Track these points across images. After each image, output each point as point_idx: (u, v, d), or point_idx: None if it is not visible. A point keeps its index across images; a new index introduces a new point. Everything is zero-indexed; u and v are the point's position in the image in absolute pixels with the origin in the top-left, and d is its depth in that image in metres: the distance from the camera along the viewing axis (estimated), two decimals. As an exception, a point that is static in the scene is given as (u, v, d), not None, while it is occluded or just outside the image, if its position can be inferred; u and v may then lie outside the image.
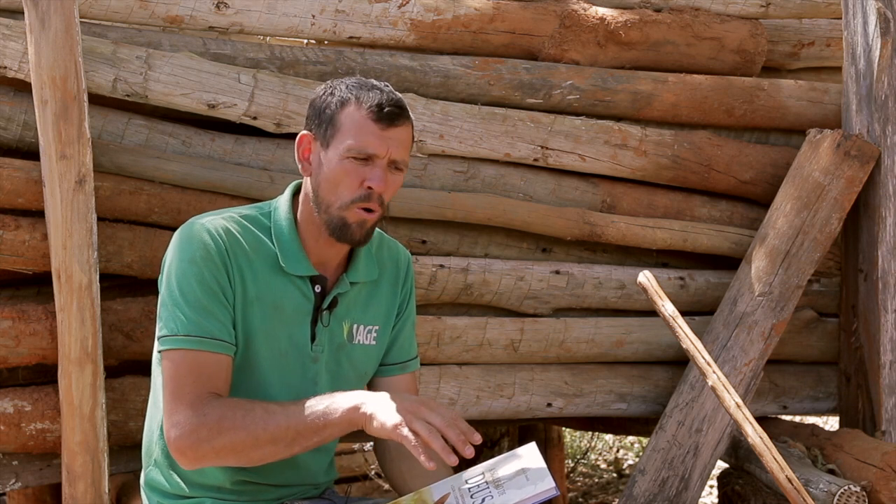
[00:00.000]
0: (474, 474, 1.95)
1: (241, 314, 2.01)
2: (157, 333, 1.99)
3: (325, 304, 2.08)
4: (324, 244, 2.06)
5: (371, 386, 2.24)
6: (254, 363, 2.03)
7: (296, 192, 2.11)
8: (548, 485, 1.84)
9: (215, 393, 1.93)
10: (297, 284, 2.06)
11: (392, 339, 2.22)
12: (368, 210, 1.99)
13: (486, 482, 1.91)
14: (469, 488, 1.91)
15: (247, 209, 2.11)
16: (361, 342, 2.14)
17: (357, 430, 2.25)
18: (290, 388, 2.06)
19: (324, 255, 2.08)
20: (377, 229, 2.23)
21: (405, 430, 1.80)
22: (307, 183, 2.06)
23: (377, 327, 2.17)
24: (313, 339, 2.08)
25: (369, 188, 1.97)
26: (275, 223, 2.07)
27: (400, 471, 2.15)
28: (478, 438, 1.82)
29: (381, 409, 1.85)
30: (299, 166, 2.07)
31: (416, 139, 2.79)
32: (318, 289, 2.07)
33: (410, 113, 2.04)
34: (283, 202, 2.10)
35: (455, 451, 1.81)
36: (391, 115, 1.97)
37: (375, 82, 2.03)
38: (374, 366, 2.21)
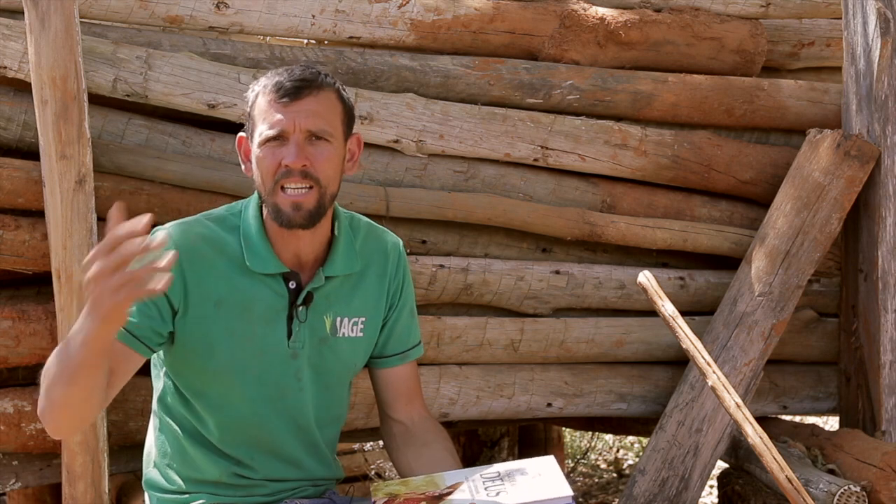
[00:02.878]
0: (490, 472, 1.95)
1: (202, 319, 2.00)
2: None
3: (300, 300, 2.07)
4: (290, 237, 2.05)
5: (372, 377, 2.25)
6: (221, 366, 2.03)
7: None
8: (565, 492, 1.83)
9: None
10: (266, 283, 2.05)
11: (389, 330, 2.21)
12: (291, 188, 1.96)
13: (502, 480, 1.91)
14: (483, 480, 1.91)
15: (217, 210, 2.12)
16: (346, 335, 2.13)
17: (354, 430, 2.26)
18: (269, 386, 2.07)
19: (295, 249, 2.07)
20: (367, 220, 2.23)
21: (93, 290, 1.62)
22: None
23: (363, 318, 2.15)
24: (290, 335, 2.07)
25: (286, 165, 1.96)
26: (243, 222, 2.07)
27: (406, 458, 2.16)
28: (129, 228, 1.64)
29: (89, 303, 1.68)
30: (243, 168, 2.09)
31: (417, 140, 2.79)
32: (292, 285, 2.06)
33: (331, 81, 2.02)
34: (252, 201, 2.10)
35: None
36: (293, 89, 1.96)
37: (292, 66, 2.03)
38: (363, 355, 2.20)
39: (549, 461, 1.95)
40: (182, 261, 1.96)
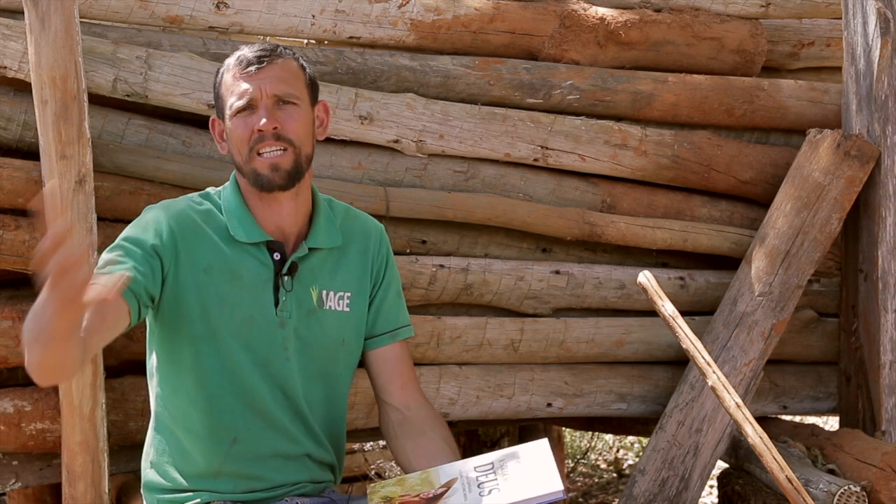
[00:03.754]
0: (483, 462, 1.95)
1: (192, 285, 2.06)
2: None
3: (285, 270, 2.12)
4: (272, 205, 2.12)
5: (364, 357, 2.27)
6: (214, 330, 2.08)
7: None
8: (556, 486, 1.84)
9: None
10: (252, 253, 2.11)
11: (376, 309, 2.25)
12: (267, 151, 2.04)
13: (494, 473, 1.91)
14: (476, 476, 1.91)
15: (202, 191, 2.20)
16: (333, 308, 2.18)
17: (354, 430, 2.25)
18: (256, 353, 2.11)
19: (277, 218, 2.13)
20: (344, 204, 2.29)
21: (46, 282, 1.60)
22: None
23: (349, 293, 2.20)
24: (277, 304, 2.11)
25: (259, 130, 2.04)
26: (224, 199, 2.15)
27: (404, 449, 2.18)
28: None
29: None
30: (219, 147, 2.17)
31: (417, 140, 2.79)
32: (276, 256, 2.12)
33: (290, 52, 2.11)
34: (229, 182, 2.19)
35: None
36: (255, 59, 2.07)
37: (250, 44, 2.14)
38: (353, 332, 2.23)
39: (542, 446, 1.95)
40: (173, 227, 2.06)
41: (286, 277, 2.12)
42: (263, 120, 2.04)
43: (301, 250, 2.14)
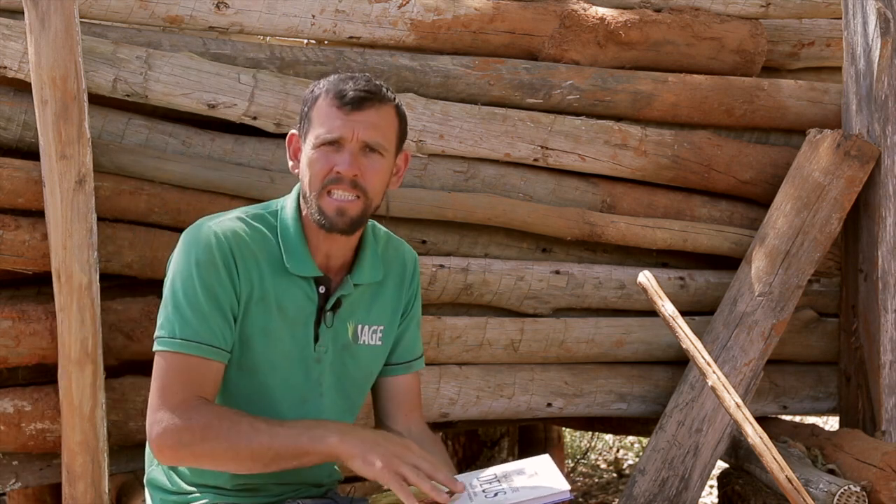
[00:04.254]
0: (486, 475, 1.95)
1: (242, 315, 2.01)
2: (155, 333, 1.99)
3: (329, 306, 2.08)
4: (325, 241, 2.06)
5: (375, 385, 2.24)
6: (254, 364, 2.03)
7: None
8: (563, 486, 1.84)
9: (202, 397, 1.94)
10: (300, 285, 2.06)
11: (397, 339, 2.22)
12: (339, 194, 1.98)
13: (499, 480, 1.92)
14: (481, 483, 1.92)
15: (254, 208, 2.11)
16: (367, 342, 2.14)
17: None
18: (293, 389, 2.07)
19: (327, 252, 2.08)
20: (385, 229, 2.24)
21: (393, 474, 1.81)
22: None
23: (382, 327, 2.17)
24: (316, 339, 2.08)
25: (337, 172, 1.97)
26: (281, 222, 2.08)
27: None
28: (460, 487, 1.85)
29: (366, 448, 1.86)
30: (290, 164, 2.10)
31: (417, 140, 2.79)
32: (322, 290, 2.07)
33: (392, 97, 2.05)
34: (290, 201, 2.10)
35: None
36: (357, 99, 1.98)
37: (355, 74, 2.05)
38: (380, 366, 2.21)
39: (544, 460, 1.95)
40: (235, 257, 1.99)
41: (329, 313, 2.08)
42: (347, 165, 1.96)
43: (347, 287, 2.09)
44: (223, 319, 1.97)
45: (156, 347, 1.97)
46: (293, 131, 2.10)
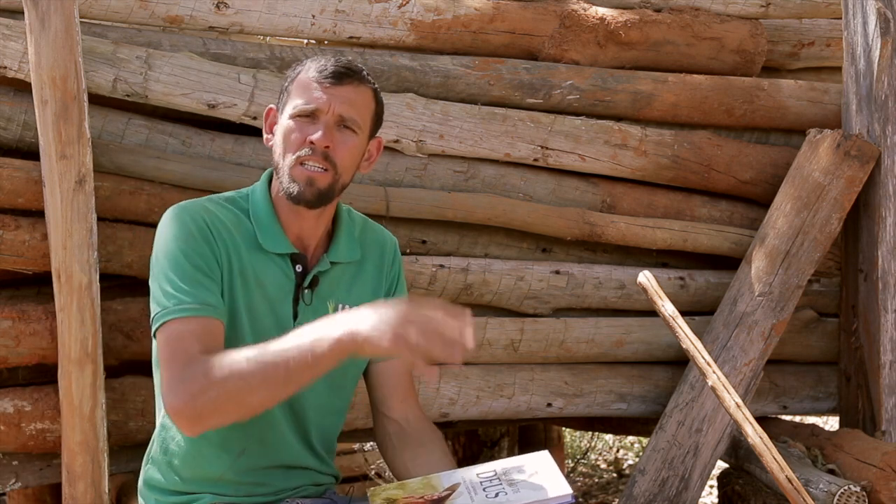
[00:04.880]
0: (485, 470, 1.94)
1: (227, 290, 2.04)
2: (151, 315, 1.99)
3: (306, 283, 2.11)
4: (296, 217, 2.09)
5: (367, 374, 2.25)
6: (238, 338, 2.04)
7: (271, 177, 2.16)
8: (565, 490, 1.83)
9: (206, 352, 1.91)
10: (277, 263, 2.09)
11: None
12: (310, 165, 2.01)
13: (499, 478, 1.90)
14: (480, 481, 1.90)
15: (224, 194, 2.16)
16: None
17: (354, 430, 2.24)
18: None
19: (298, 230, 2.11)
20: (362, 215, 2.27)
21: (402, 344, 1.72)
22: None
23: None
24: (295, 317, 2.10)
25: (311, 142, 2.01)
26: (252, 204, 2.12)
27: (402, 459, 2.16)
28: (469, 342, 1.73)
29: (372, 330, 1.76)
30: (265, 138, 2.14)
31: (417, 140, 2.79)
32: (298, 268, 2.11)
33: (371, 81, 2.09)
34: (259, 185, 2.16)
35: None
36: (337, 73, 2.04)
37: (339, 57, 2.13)
38: None
39: (543, 457, 1.94)
40: (213, 233, 2.02)
41: (307, 291, 2.10)
42: (319, 133, 2.00)
43: (323, 264, 2.12)
44: (213, 283, 2.00)
45: (154, 327, 1.98)
46: (271, 106, 2.15)
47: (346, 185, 2.10)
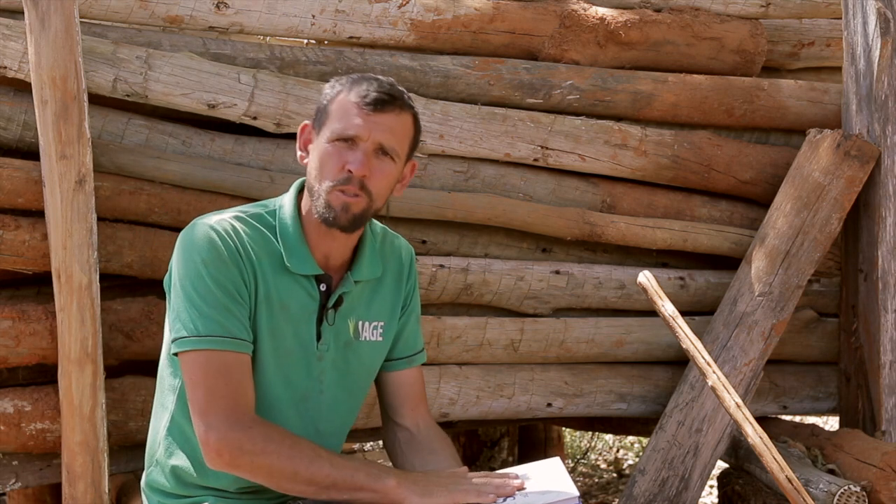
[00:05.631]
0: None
1: (252, 312, 2.02)
2: (174, 335, 1.98)
3: (331, 303, 2.09)
4: (325, 238, 2.07)
5: (378, 380, 2.25)
6: (259, 360, 2.04)
7: (300, 190, 2.12)
8: (572, 491, 1.85)
9: (251, 404, 1.96)
10: (301, 284, 2.06)
11: (398, 334, 2.23)
12: (346, 193, 1.99)
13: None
14: None
15: (251, 207, 2.12)
16: (368, 339, 2.15)
17: (354, 430, 2.23)
18: (294, 386, 2.07)
19: (327, 250, 2.08)
20: (381, 225, 2.25)
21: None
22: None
23: (382, 323, 2.18)
24: (319, 337, 2.08)
25: (349, 171, 1.98)
26: (280, 221, 2.08)
27: (412, 465, 2.16)
28: (511, 488, 1.92)
29: (423, 488, 1.92)
30: (298, 155, 2.11)
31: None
32: (323, 287, 2.08)
33: (412, 105, 2.06)
34: (287, 200, 2.11)
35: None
36: (378, 100, 1.99)
37: (378, 77, 2.06)
38: (381, 361, 2.22)
39: (555, 462, 1.97)
40: (240, 252, 2.00)
41: (330, 311, 2.09)
42: (358, 164, 1.97)
43: (347, 284, 2.10)
44: (242, 310, 1.99)
45: (181, 349, 1.96)
46: (306, 122, 2.11)
47: (379, 210, 2.08)
